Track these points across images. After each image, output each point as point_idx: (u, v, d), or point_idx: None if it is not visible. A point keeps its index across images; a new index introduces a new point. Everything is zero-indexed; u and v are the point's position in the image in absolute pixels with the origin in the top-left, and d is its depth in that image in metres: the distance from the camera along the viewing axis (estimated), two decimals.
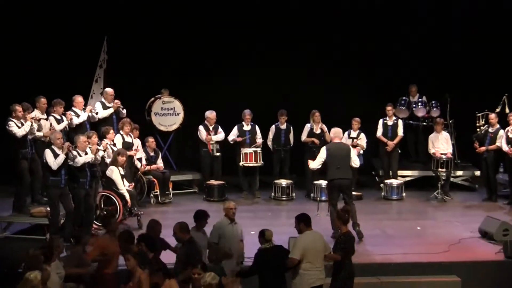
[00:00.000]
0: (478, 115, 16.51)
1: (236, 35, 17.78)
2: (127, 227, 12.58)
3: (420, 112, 17.27)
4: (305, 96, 17.55)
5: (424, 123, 17.44)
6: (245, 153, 15.94)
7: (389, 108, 16.66)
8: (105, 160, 13.67)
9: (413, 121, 17.47)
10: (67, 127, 14.10)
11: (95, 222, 13.19)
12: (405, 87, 17.58)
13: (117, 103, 15.20)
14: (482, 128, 16.23)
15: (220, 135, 16.34)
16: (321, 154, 12.94)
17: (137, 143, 15.27)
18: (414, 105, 17.29)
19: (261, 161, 16.01)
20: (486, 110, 16.29)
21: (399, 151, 16.77)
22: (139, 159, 15.20)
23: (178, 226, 10.12)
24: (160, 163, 15.83)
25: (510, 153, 15.24)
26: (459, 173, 17.10)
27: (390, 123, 16.65)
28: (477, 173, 16.86)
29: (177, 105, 16.83)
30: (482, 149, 15.77)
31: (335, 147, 12.98)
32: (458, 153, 17.04)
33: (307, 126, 16.29)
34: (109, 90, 15.43)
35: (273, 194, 16.14)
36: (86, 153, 12.59)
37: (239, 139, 16.19)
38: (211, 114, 16.30)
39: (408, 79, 17.73)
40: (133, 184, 14.11)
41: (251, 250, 10.38)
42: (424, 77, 17.77)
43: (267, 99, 17.58)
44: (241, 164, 15.99)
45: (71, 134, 13.85)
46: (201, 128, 16.28)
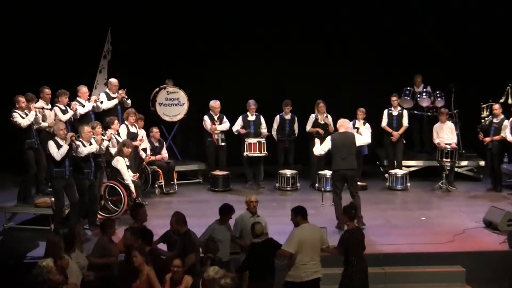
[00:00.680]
0: (482, 106, 16.47)
1: (241, 25, 17.77)
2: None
3: (425, 102, 17.26)
4: (310, 86, 17.53)
5: (429, 113, 17.43)
6: (249, 143, 15.94)
7: (394, 98, 16.64)
8: (110, 150, 13.69)
9: (417, 111, 17.45)
10: (72, 117, 14.11)
11: (99, 213, 13.22)
12: (410, 77, 17.55)
13: (122, 93, 15.21)
14: (486, 119, 16.21)
15: (225, 125, 16.33)
16: (325, 143, 12.94)
17: (141, 133, 15.29)
18: (418, 95, 17.28)
19: (265, 151, 16.01)
20: (491, 100, 16.25)
21: (404, 141, 16.76)
22: (144, 150, 15.22)
23: (174, 219, 10.06)
24: (164, 153, 15.84)
25: None
26: (464, 163, 17.07)
27: (395, 113, 16.63)
28: (482, 163, 16.85)
29: (181, 95, 16.82)
30: (487, 139, 15.75)
31: (340, 137, 12.94)
32: (462, 143, 17.02)
33: (312, 117, 16.28)
34: (113, 80, 15.45)
35: (277, 184, 16.14)
36: (91, 144, 12.60)
37: (242, 131, 16.18)
38: (215, 104, 16.30)
39: (413, 69, 17.69)
40: (137, 175, 14.14)
41: None
42: (429, 67, 17.72)
43: (272, 89, 17.59)
44: (245, 154, 15.99)
45: (76, 125, 13.84)
46: (206, 118, 16.27)
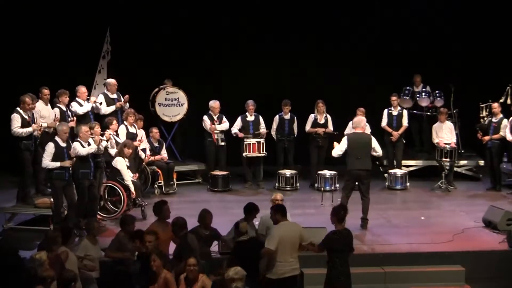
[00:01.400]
0: (482, 105, 16.50)
1: (240, 25, 17.77)
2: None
3: (424, 102, 17.27)
4: (309, 86, 17.55)
5: (428, 113, 17.44)
6: (248, 143, 15.94)
7: (394, 98, 16.65)
8: (109, 150, 13.68)
9: (417, 111, 17.47)
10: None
11: (99, 213, 13.23)
12: (409, 77, 17.56)
13: (121, 103, 15.12)
14: (485, 118, 16.23)
15: (225, 125, 16.33)
16: (342, 143, 12.92)
17: (141, 133, 15.27)
18: (418, 95, 17.30)
19: (264, 152, 16.01)
20: (490, 101, 16.25)
21: (404, 141, 16.76)
22: (143, 150, 15.20)
23: (171, 224, 10.33)
24: (164, 153, 15.83)
25: None
26: (463, 162, 17.08)
27: (395, 113, 16.64)
28: (481, 162, 16.86)
29: (181, 95, 16.81)
30: (486, 138, 15.76)
31: (356, 137, 12.94)
32: (462, 143, 17.03)
33: (311, 117, 16.27)
34: (112, 81, 15.42)
35: (277, 184, 16.13)
36: (89, 144, 12.60)
37: (241, 135, 16.17)
38: (214, 104, 16.29)
39: (412, 69, 17.70)
40: (137, 175, 14.13)
41: None
42: (429, 67, 17.73)
43: (271, 89, 17.59)
44: (244, 154, 15.99)
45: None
46: (205, 118, 16.27)
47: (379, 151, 13.13)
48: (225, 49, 17.80)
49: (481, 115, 16.44)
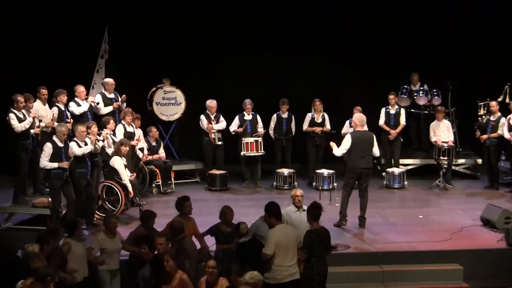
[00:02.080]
0: (480, 104, 16.50)
1: (237, 24, 17.73)
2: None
3: (422, 101, 17.27)
4: (306, 85, 17.55)
5: (426, 111, 17.44)
6: (246, 142, 15.94)
7: (391, 97, 16.65)
8: (106, 150, 13.66)
9: (414, 109, 17.47)
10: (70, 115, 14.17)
11: (97, 212, 13.22)
12: (407, 75, 17.55)
13: (118, 104, 15.10)
14: (483, 117, 16.24)
15: (222, 124, 16.32)
16: (346, 142, 12.73)
17: (138, 133, 15.25)
18: (415, 94, 17.30)
19: (262, 151, 16.01)
20: (488, 99, 16.27)
21: (401, 140, 16.75)
22: (141, 149, 15.18)
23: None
24: (162, 152, 15.83)
25: None
26: (461, 161, 17.10)
27: (392, 111, 16.64)
28: (479, 161, 16.89)
29: (178, 94, 16.80)
30: (484, 136, 15.78)
31: (359, 135, 12.83)
32: (459, 141, 17.03)
33: (309, 116, 16.27)
34: (109, 80, 15.38)
35: (275, 183, 16.13)
36: (86, 144, 12.60)
37: (239, 129, 16.18)
38: (211, 103, 16.28)
39: (410, 67, 17.70)
40: (135, 174, 14.11)
41: None
42: (426, 66, 17.73)
43: (268, 88, 17.58)
44: (242, 153, 15.99)
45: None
46: (202, 117, 16.26)
47: (377, 153, 13.06)
48: (222, 48, 17.78)
49: (479, 113, 16.45)
